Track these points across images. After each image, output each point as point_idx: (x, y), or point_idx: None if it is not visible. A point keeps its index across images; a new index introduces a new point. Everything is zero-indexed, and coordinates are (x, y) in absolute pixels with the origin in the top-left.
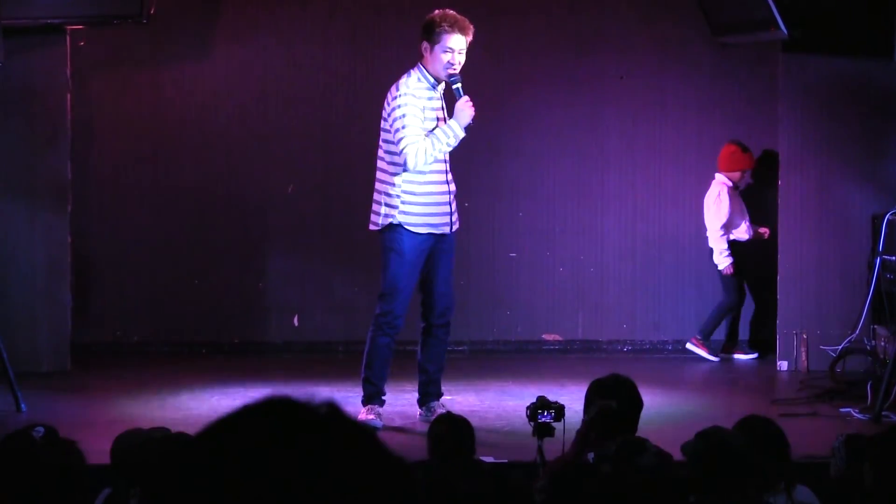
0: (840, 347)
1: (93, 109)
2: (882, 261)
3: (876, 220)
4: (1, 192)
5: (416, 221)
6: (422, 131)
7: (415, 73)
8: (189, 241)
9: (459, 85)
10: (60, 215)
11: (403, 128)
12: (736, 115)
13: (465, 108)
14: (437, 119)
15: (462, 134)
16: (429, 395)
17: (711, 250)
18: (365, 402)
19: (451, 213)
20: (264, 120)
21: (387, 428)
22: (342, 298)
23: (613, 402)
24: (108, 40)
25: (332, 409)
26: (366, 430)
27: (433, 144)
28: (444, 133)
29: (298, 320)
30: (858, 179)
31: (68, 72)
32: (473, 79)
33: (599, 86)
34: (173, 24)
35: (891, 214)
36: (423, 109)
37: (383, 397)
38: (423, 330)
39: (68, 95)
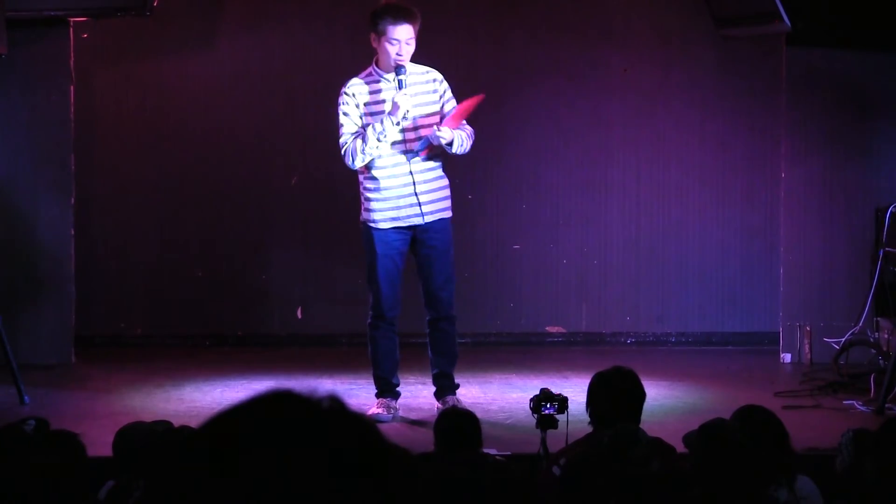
0: (843, 340)
1: (96, 102)
2: (885, 253)
3: (879, 213)
4: (4, 184)
5: (378, 217)
6: (356, 130)
7: (368, 70)
8: (192, 234)
9: (403, 77)
10: (64, 207)
11: (339, 127)
12: (739, 108)
13: (400, 102)
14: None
15: (391, 128)
16: (444, 388)
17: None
18: (377, 396)
19: (419, 204)
20: (268, 112)
21: (403, 421)
22: (345, 291)
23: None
24: (111, 32)
25: (335, 403)
26: (367, 423)
27: (364, 141)
28: (373, 129)
29: (302, 313)
30: (862, 172)
31: (71, 64)
32: (476, 71)
33: (602, 78)
34: (177, 16)
35: (894, 207)
36: (367, 105)
37: (397, 389)
38: (427, 323)
39: (71, 87)
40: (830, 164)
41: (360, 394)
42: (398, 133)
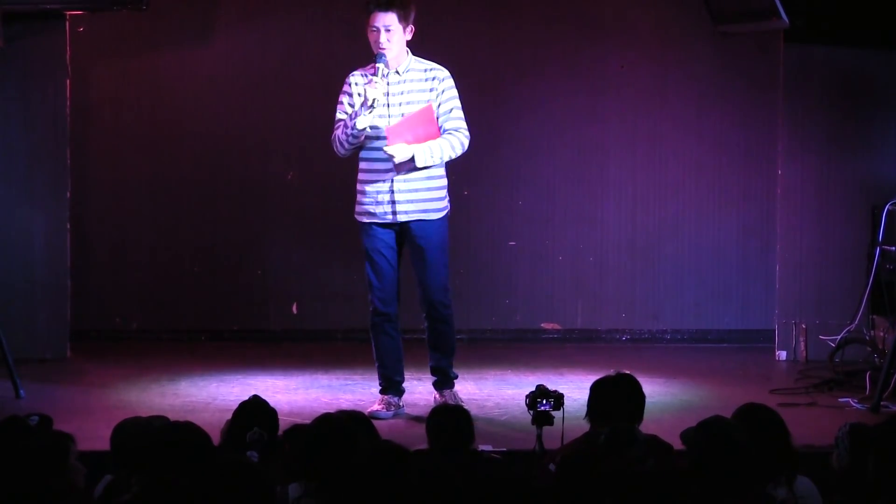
0: (839, 337)
1: (92, 95)
2: (881, 251)
3: (876, 210)
4: (0, 177)
5: (360, 211)
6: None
7: (371, 64)
8: (189, 229)
9: (381, 65)
10: (60, 201)
11: (336, 115)
12: (736, 105)
13: (368, 91)
14: (382, 104)
15: (362, 118)
16: (439, 382)
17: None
18: (380, 392)
19: (392, 202)
20: (264, 107)
21: (400, 417)
22: (341, 286)
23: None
24: (107, 26)
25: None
26: (364, 424)
27: (342, 131)
28: (350, 118)
29: (297, 308)
30: (859, 169)
31: (68, 57)
32: (474, 67)
33: (600, 75)
34: (173, 9)
35: (890, 204)
36: (360, 95)
37: (401, 386)
38: (424, 319)
39: (68, 81)
40: (827, 161)
41: (356, 389)
42: (378, 126)
